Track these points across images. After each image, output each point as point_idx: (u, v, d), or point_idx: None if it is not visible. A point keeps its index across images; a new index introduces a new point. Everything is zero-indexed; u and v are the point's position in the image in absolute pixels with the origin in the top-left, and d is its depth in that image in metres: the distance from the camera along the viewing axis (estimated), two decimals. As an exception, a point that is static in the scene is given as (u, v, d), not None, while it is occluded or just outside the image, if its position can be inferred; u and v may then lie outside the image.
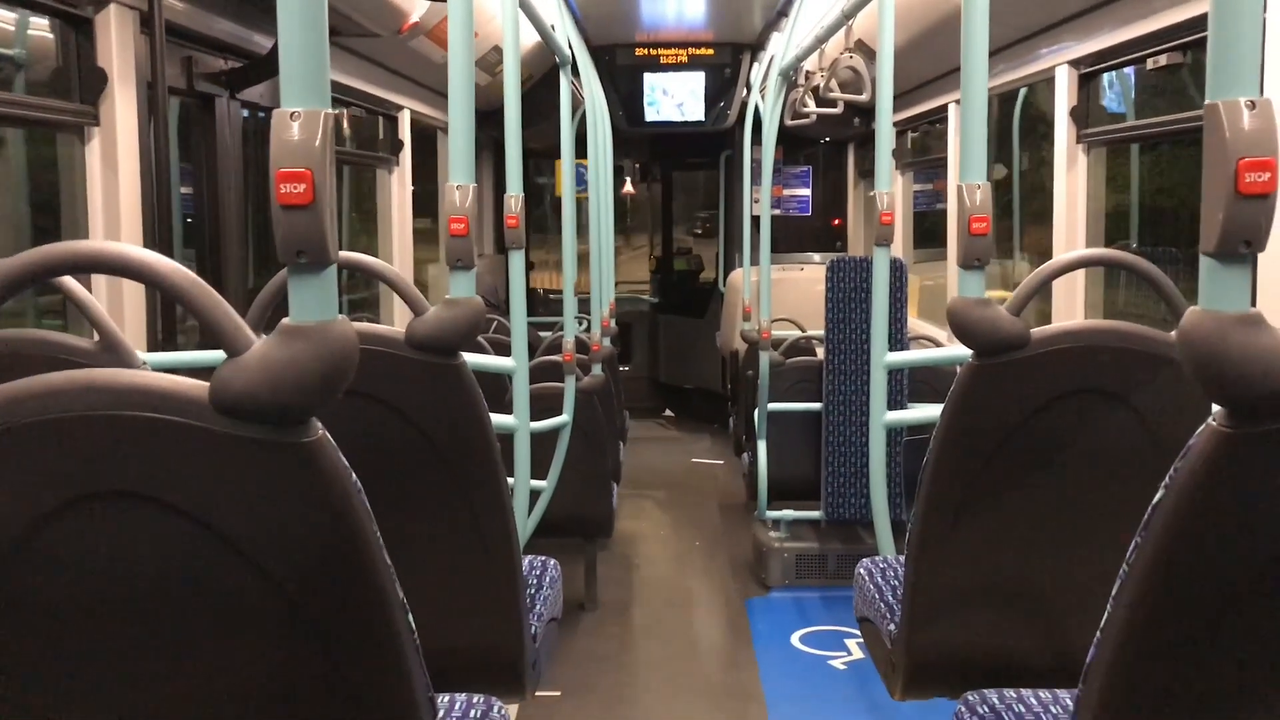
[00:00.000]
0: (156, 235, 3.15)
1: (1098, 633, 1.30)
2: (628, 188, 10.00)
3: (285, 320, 1.13)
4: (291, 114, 1.11)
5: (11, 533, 1.11)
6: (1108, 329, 2.05)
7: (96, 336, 2.17)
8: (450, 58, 2.41)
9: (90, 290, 2.79)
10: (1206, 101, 1.09)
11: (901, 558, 2.52)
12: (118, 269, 1.15)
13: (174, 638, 1.20)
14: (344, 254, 2.12)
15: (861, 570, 2.70)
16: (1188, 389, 1.88)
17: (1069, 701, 1.85)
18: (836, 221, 9.21)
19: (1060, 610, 2.10)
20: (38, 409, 1.09)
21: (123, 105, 3.04)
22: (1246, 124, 1.07)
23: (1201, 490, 1.14)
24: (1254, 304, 1.11)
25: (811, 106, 5.48)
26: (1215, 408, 1.14)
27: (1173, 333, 2.08)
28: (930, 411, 2.83)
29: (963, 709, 1.91)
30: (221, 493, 1.14)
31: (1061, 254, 4.05)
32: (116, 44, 3.00)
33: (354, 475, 1.19)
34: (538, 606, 2.47)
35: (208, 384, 1.12)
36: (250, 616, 1.20)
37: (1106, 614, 1.28)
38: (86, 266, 1.20)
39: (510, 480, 3.07)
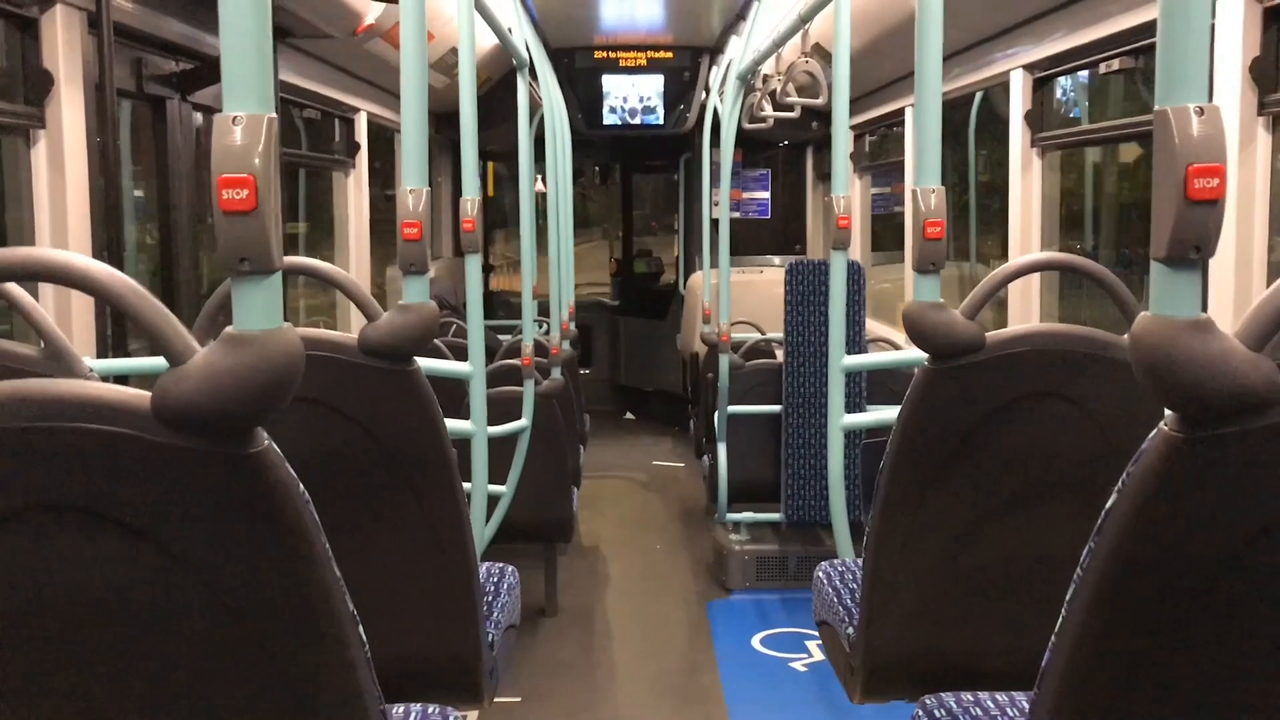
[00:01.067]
0: (106, 240, 3.10)
1: (1052, 637, 1.30)
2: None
3: (229, 329, 1.11)
4: (234, 119, 1.09)
5: None
6: (1062, 332, 2.07)
7: (42, 343, 2.13)
8: (403, 61, 2.39)
9: (38, 294, 2.74)
10: (1156, 108, 1.10)
11: (860, 560, 2.52)
12: (55, 277, 1.12)
13: (116, 652, 1.17)
14: (295, 259, 2.09)
15: (820, 574, 2.70)
16: (1142, 392, 1.89)
17: (1025, 704, 1.86)
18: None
19: (1017, 613, 2.11)
20: None
21: (69, 107, 2.98)
22: (1195, 130, 1.07)
23: (1153, 495, 1.14)
24: (1204, 309, 1.12)
25: (768, 110, 5.49)
26: (1167, 413, 1.14)
27: (1126, 336, 2.09)
28: (888, 414, 2.84)
29: (920, 712, 1.91)
30: (164, 505, 1.12)
31: (1016, 258, 4.09)
32: (63, 45, 2.95)
33: (301, 486, 1.16)
34: (495, 614, 2.44)
35: (149, 394, 1.10)
36: (195, 631, 1.17)
37: (1061, 618, 1.28)
38: (23, 274, 1.17)
39: (468, 486, 3.05)
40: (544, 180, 5.30)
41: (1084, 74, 4.17)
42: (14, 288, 2.12)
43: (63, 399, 1.08)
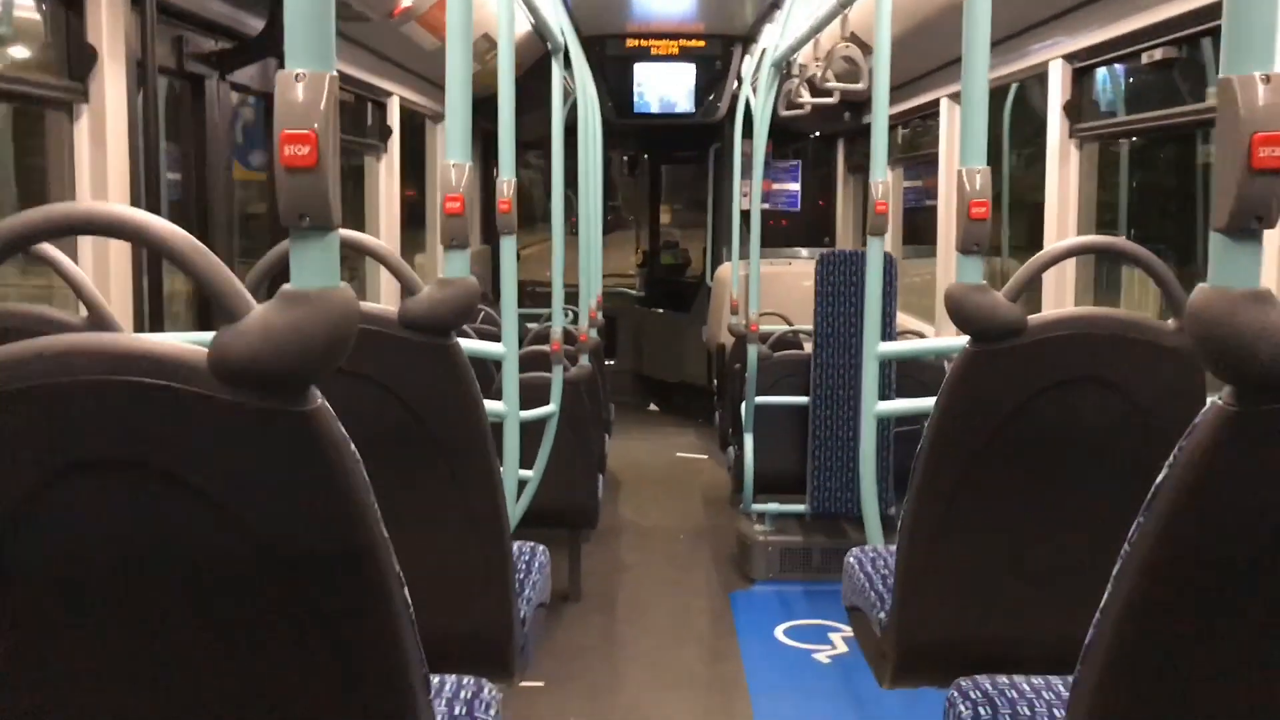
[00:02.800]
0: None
1: (1097, 614, 1.29)
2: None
3: (286, 286, 1.12)
4: (296, 75, 1.09)
5: (4, 501, 1.09)
6: (1104, 316, 2.06)
7: (84, 311, 2.15)
8: (449, 35, 2.39)
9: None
10: (1220, 75, 1.09)
11: (891, 548, 2.51)
12: (114, 230, 1.13)
13: (170, 607, 1.18)
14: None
15: (851, 559, 2.69)
16: (1182, 377, 1.87)
17: (1061, 688, 1.85)
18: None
19: (1052, 597, 2.10)
20: (29, 374, 1.07)
21: (112, 83, 3.00)
22: (1261, 99, 1.06)
23: (1206, 469, 1.13)
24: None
25: (806, 97, 5.47)
26: (1222, 388, 1.13)
27: (1169, 321, 2.08)
28: (922, 403, 2.84)
29: (955, 694, 1.90)
30: (220, 461, 1.12)
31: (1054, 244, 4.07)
32: (107, 21, 2.97)
33: (353, 446, 1.17)
34: (527, 591, 2.45)
35: (206, 350, 1.10)
36: (248, 586, 1.18)
37: (1106, 595, 1.27)
38: (81, 228, 1.18)
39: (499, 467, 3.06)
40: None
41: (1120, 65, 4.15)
42: (59, 255, 2.14)
43: (121, 352, 1.08)
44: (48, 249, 2.17)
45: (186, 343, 2.52)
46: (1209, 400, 1.15)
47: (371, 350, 1.99)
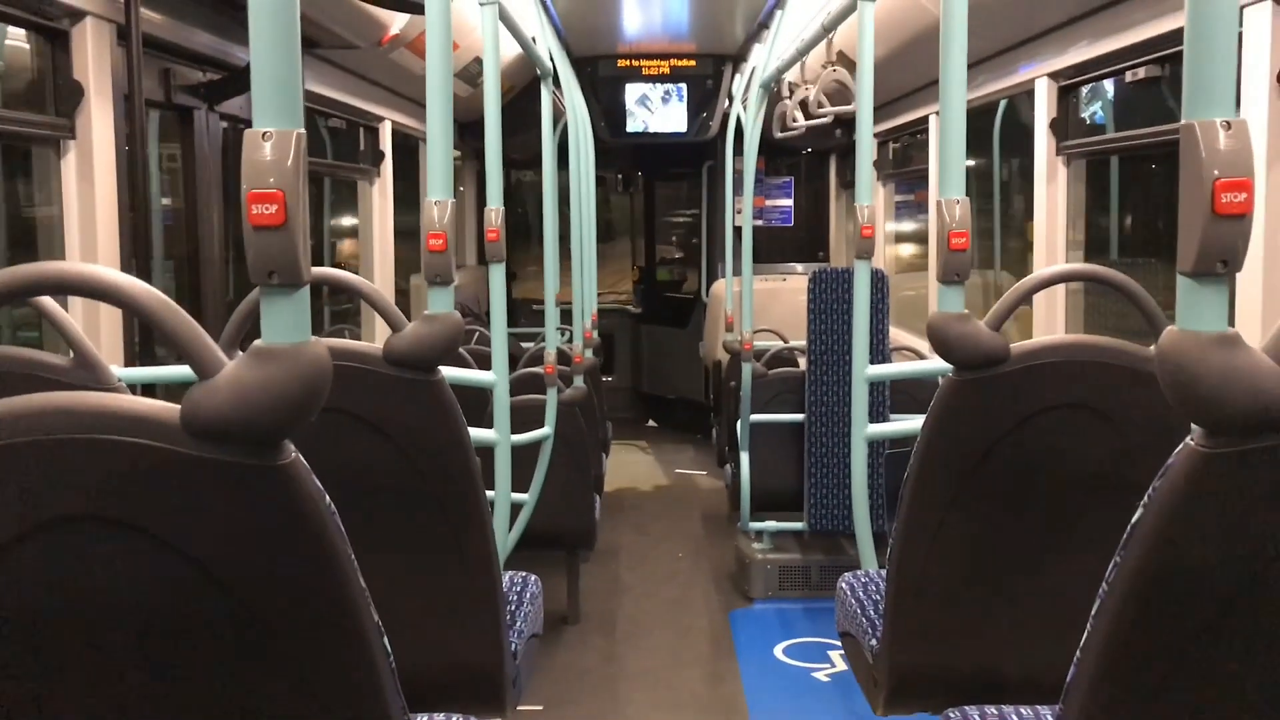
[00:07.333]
0: (134, 249, 3.13)
1: (1078, 650, 1.29)
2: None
3: (257, 342, 1.12)
4: (264, 134, 1.10)
5: None
6: (1088, 344, 2.05)
7: (71, 353, 2.15)
8: (429, 74, 2.40)
9: (67, 304, 2.77)
10: (1183, 121, 1.09)
11: (883, 571, 2.51)
12: (86, 290, 1.14)
13: (145, 662, 1.18)
14: (321, 270, 2.11)
15: (843, 585, 2.69)
16: (1167, 404, 1.88)
17: (1050, 718, 1.85)
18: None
19: (1043, 626, 2.10)
20: (8, 432, 1.07)
21: (99, 118, 3.01)
22: (1222, 144, 1.07)
23: (1179, 509, 1.13)
24: (1231, 323, 1.11)
25: (801, 119, 5.48)
26: (1194, 427, 1.13)
27: (1152, 347, 2.08)
28: (911, 424, 2.83)
29: None
30: (193, 517, 1.13)
31: (1040, 269, 4.06)
32: (93, 57, 2.98)
33: (327, 498, 1.17)
34: (518, 623, 2.45)
35: (179, 406, 1.11)
36: (222, 640, 1.18)
37: (1086, 632, 1.27)
38: (55, 289, 1.19)
39: (491, 494, 3.05)
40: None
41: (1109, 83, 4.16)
42: (46, 299, 2.15)
43: (97, 411, 1.09)
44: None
45: (171, 379, 2.50)
46: (1184, 442, 1.15)
47: (357, 388, 2.00)
